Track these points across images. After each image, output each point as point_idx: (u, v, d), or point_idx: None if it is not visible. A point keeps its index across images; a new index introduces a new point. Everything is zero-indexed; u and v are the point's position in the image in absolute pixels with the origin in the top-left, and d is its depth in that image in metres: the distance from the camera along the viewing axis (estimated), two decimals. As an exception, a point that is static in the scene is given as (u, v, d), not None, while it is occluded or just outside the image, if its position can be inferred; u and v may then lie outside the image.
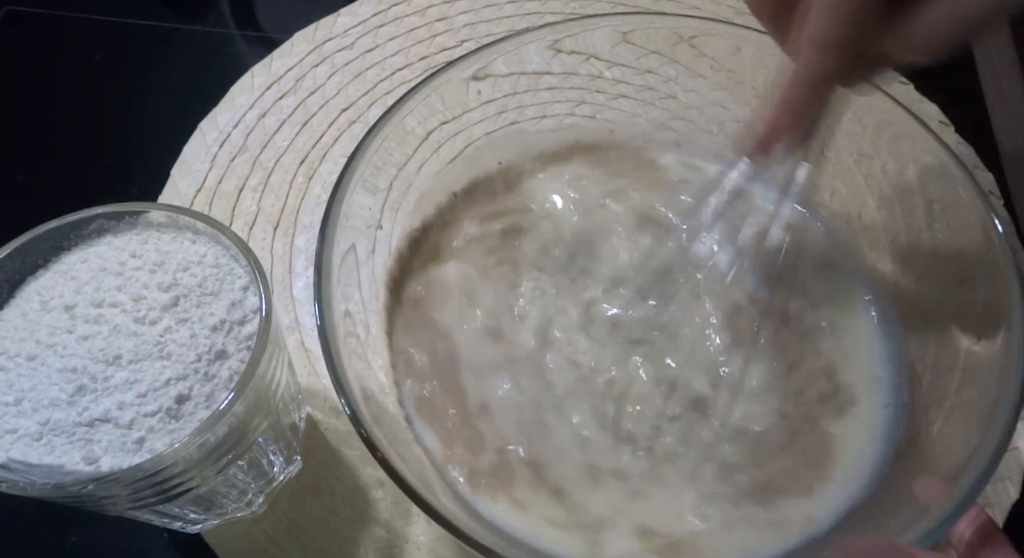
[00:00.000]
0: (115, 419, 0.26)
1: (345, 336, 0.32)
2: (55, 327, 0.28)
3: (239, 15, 0.58)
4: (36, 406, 0.26)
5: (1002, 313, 0.31)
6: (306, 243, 0.45)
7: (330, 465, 0.39)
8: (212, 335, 0.28)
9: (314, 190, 0.47)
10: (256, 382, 0.28)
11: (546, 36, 0.40)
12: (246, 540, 0.37)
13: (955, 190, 0.35)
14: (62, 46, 0.56)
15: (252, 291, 0.30)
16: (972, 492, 0.27)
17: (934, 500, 0.27)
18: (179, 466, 0.27)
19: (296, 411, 0.36)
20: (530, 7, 0.55)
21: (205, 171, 0.48)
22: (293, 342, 0.42)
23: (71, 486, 0.25)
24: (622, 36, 0.43)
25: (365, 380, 0.32)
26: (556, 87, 0.45)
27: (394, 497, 0.38)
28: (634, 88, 0.46)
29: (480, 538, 0.27)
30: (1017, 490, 0.39)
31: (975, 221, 0.34)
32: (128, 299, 0.28)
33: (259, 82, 0.51)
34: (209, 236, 0.31)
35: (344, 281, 0.33)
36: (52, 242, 0.30)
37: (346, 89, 0.51)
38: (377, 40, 0.53)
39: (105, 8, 0.57)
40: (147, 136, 0.51)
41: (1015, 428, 0.28)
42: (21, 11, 0.56)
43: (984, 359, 0.32)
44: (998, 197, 0.48)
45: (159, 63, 0.55)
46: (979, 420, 0.29)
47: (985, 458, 0.27)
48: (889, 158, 0.38)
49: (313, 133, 0.49)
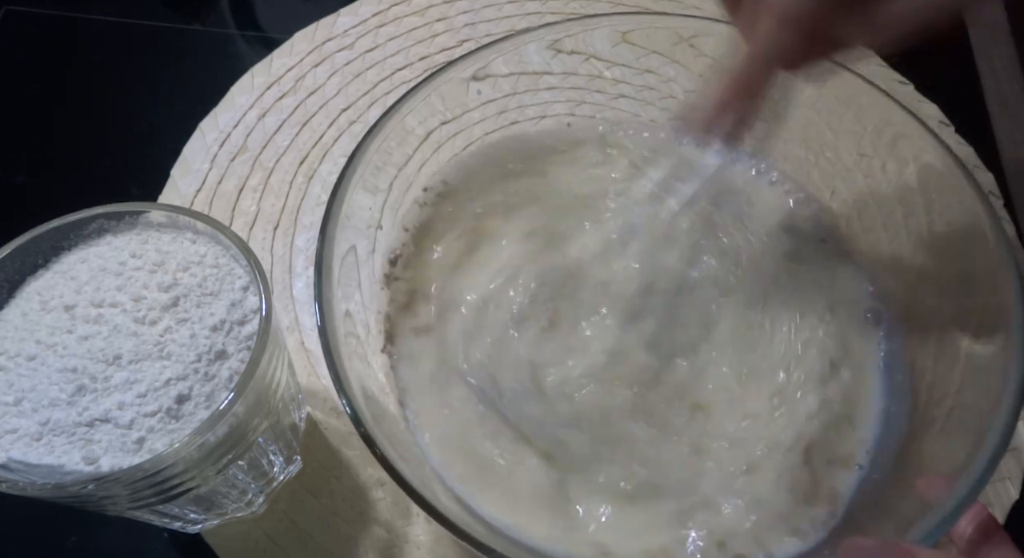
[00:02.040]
0: (115, 419, 0.26)
1: (345, 336, 0.32)
2: (55, 327, 0.28)
3: (239, 15, 0.58)
4: (36, 406, 0.26)
5: (1002, 313, 0.31)
6: (306, 243, 0.45)
7: (330, 465, 0.39)
8: (212, 335, 0.28)
9: (314, 190, 0.47)
10: (256, 382, 0.28)
11: (546, 36, 0.40)
12: (246, 540, 0.37)
13: (955, 190, 0.35)
14: (62, 46, 0.56)
15: (252, 291, 0.30)
16: (972, 491, 0.27)
17: (936, 498, 0.27)
18: (179, 466, 0.27)
19: (296, 411, 0.36)
20: (530, 7, 0.55)
21: (205, 171, 0.48)
22: (293, 342, 0.42)
23: (71, 486, 0.25)
24: (622, 36, 0.43)
25: (365, 380, 0.32)
26: (556, 87, 0.45)
27: (394, 497, 0.38)
28: (634, 88, 0.46)
29: (480, 537, 0.27)
30: (1017, 490, 0.39)
31: (975, 221, 0.34)
32: (128, 299, 0.28)
33: (259, 82, 0.51)
34: (209, 236, 0.31)
35: (344, 281, 0.33)
36: (52, 242, 0.30)
37: (346, 89, 0.51)
38: (377, 40, 0.53)
39: (105, 8, 0.57)
40: (147, 136, 0.51)
41: (1015, 428, 0.28)
42: (21, 11, 0.56)
43: (984, 359, 0.32)
44: (998, 197, 0.48)
45: (159, 63, 0.55)
46: (979, 419, 0.29)
47: (985, 457, 0.27)
48: (889, 158, 0.38)
49: (313, 133, 0.49)
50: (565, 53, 0.42)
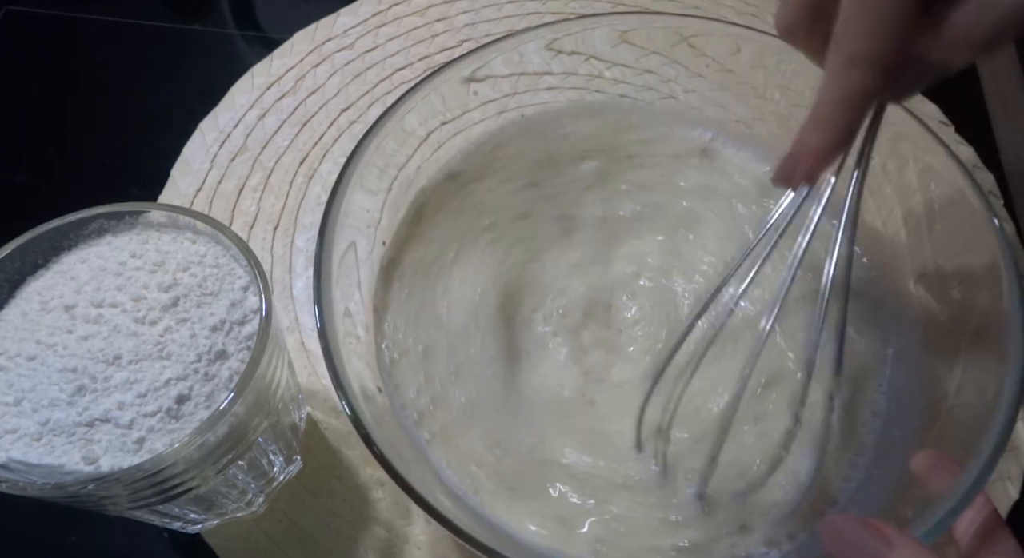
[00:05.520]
0: (115, 419, 0.26)
1: (345, 336, 0.32)
2: (55, 327, 0.28)
3: (239, 15, 0.58)
4: (36, 406, 0.26)
5: (1001, 313, 0.31)
6: (306, 243, 0.45)
7: (330, 465, 0.39)
8: (212, 335, 0.28)
9: (314, 190, 0.47)
10: (256, 382, 0.28)
11: (545, 35, 0.40)
12: (246, 540, 0.37)
13: (955, 190, 0.35)
14: (62, 46, 0.56)
15: (252, 291, 0.30)
16: (970, 492, 0.27)
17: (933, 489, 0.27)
18: (179, 466, 0.27)
19: (296, 411, 0.36)
20: (530, 7, 0.55)
21: (205, 171, 0.48)
22: (293, 342, 0.42)
23: (71, 486, 0.25)
24: (621, 36, 0.43)
25: (365, 380, 0.32)
26: (556, 87, 0.45)
27: (394, 497, 0.38)
28: (634, 88, 0.46)
29: (480, 536, 0.27)
30: (1017, 490, 0.39)
31: (975, 221, 0.34)
32: (128, 299, 0.28)
33: (259, 82, 0.51)
34: (209, 236, 0.31)
35: (344, 281, 0.33)
36: (52, 242, 0.30)
37: (346, 89, 0.51)
38: (377, 40, 0.53)
39: (105, 8, 0.57)
40: (147, 136, 0.51)
41: (1012, 429, 0.28)
42: (21, 11, 0.56)
43: (983, 358, 0.32)
44: (998, 197, 0.48)
45: (159, 63, 0.55)
46: (979, 419, 0.29)
47: (983, 458, 0.27)
48: (889, 158, 0.38)
49: (313, 133, 0.49)
50: (565, 54, 0.42)
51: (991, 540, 0.27)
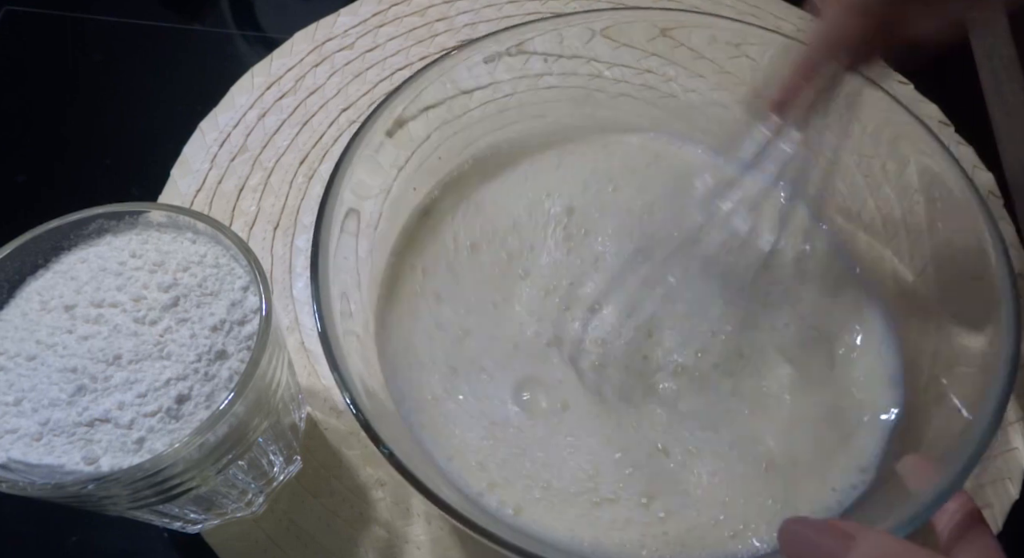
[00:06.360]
0: (115, 419, 0.26)
1: (345, 334, 0.32)
2: (55, 327, 0.28)
3: (239, 15, 0.58)
4: (36, 406, 0.26)
5: (993, 308, 0.31)
6: (306, 243, 0.45)
7: (330, 465, 0.39)
8: (212, 335, 0.28)
9: (314, 190, 0.47)
10: (256, 382, 0.28)
11: (546, 33, 0.40)
12: (246, 540, 0.37)
13: (955, 190, 0.35)
14: (62, 46, 0.56)
15: (252, 291, 0.30)
16: (955, 482, 0.27)
17: (918, 484, 0.28)
18: (179, 466, 0.27)
19: (296, 411, 0.36)
20: (530, 7, 0.55)
21: (205, 171, 0.48)
22: (293, 342, 0.42)
23: (71, 486, 0.25)
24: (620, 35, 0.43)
25: (365, 379, 0.32)
26: (556, 87, 0.45)
27: (394, 497, 0.38)
28: (634, 88, 0.46)
29: (486, 524, 0.27)
30: (1017, 490, 0.39)
31: (974, 221, 0.34)
32: (128, 299, 0.28)
33: (259, 82, 0.51)
34: (209, 236, 0.31)
35: (343, 280, 0.33)
36: (52, 242, 0.30)
37: (346, 89, 0.51)
38: (377, 40, 0.53)
39: (105, 8, 0.57)
40: (147, 136, 0.51)
41: (1000, 423, 0.28)
42: (21, 11, 0.56)
43: (977, 355, 0.32)
44: (998, 197, 0.48)
45: (159, 63, 0.55)
46: (968, 414, 0.30)
47: (970, 448, 0.28)
48: (889, 158, 0.38)
49: (313, 133, 0.49)
50: (566, 57, 0.43)
51: (969, 535, 0.27)
